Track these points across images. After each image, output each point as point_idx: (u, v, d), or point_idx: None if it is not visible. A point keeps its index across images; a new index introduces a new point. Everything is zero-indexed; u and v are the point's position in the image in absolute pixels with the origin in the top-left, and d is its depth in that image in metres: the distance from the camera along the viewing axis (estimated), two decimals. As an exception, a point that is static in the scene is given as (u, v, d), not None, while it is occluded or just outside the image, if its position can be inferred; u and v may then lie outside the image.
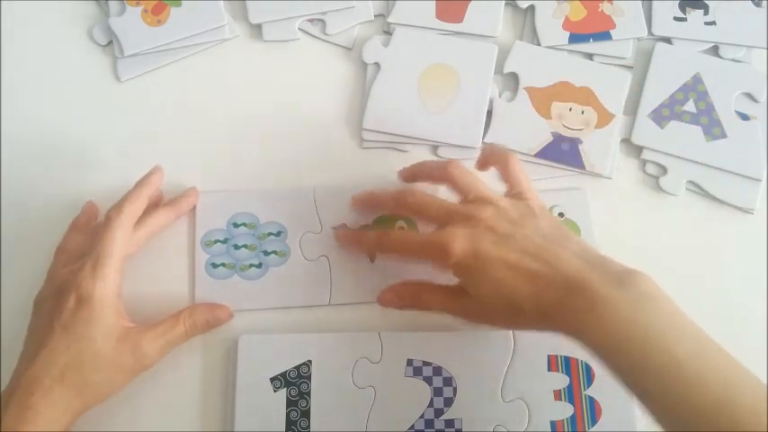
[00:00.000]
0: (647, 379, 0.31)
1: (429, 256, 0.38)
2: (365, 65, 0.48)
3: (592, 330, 0.32)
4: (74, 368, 0.36)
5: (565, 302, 0.33)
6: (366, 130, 0.47)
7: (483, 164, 0.42)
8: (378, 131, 0.47)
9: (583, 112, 0.47)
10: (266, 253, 0.44)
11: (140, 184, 0.41)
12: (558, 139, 0.47)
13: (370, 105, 0.47)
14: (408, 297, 0.41)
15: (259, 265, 0.43)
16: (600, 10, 0.50)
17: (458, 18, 0.49)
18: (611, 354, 0.32)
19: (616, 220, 0.46)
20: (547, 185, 0.47)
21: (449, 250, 0.36)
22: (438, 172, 0.41)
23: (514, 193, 0.39)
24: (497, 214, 0.37)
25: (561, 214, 0.45)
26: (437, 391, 0.41)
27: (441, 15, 0.49)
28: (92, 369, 0.37)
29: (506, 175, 0.41)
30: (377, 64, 0.48)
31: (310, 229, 0.44)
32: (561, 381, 0.41)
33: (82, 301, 0.37)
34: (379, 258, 0.44)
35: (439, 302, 0.39)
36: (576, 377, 0.41)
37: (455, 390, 0.41)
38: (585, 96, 0.47)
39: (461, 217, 0.37)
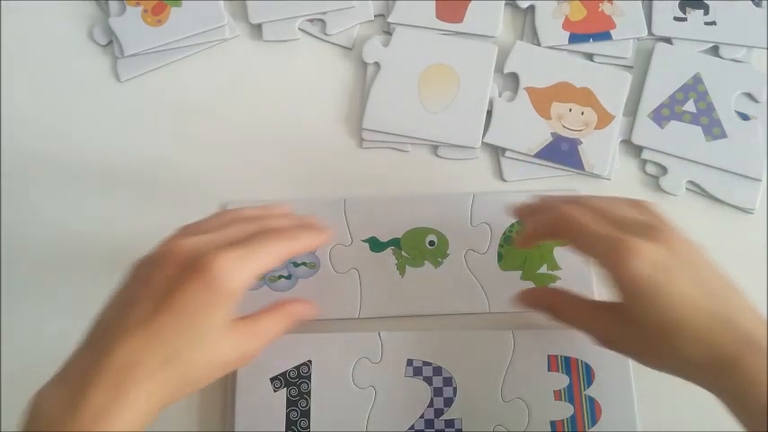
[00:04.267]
0: None
1: (609, 255, 0.33)
2: (365, 65, 0.48)
3: (758, 395, 0.30)
4: (180, 357, 0.31)
5: (742, 359, 0.30)
6: (366, 129, 0.47)
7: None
8: (378, 131, 0.47)
9: (583, 113, 0.47)
10: (296, 264, 0.43)
11: (310, 235, 0.37)
12: (558, 139, 0.47)
13: (370, 105, 0.47)
14: (546, 304, 0.39)
15: (288, 277, 0.43)
16: (600, 10, 0.50)
17: (458, 18, 0.49)
18: None
19: (616, 221, 0.46)
20: (545, 186, 0.47)
21: (634, 257, 0.31)
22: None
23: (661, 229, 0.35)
24: (675, 237, 0.33)
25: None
26: (437, 391, 0.41)
27: (441, 15, 0.49)
28: (199, 361, 0.32)
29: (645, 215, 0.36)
30: (377, 64, 0.48)
31: (340, 242, 0.44)
32: (561, 381, 0.41)
33: (212, 284, 0.31)
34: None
35: (580, 318, 0.37)
36: (576, 377, 0.41)
37: (455, 390, 0.41)
38: (585, 97, 0.47)
39: (638, 231, 0.33)
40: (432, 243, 0.44)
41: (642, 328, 0.33)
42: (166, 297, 0.31)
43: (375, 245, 0.44)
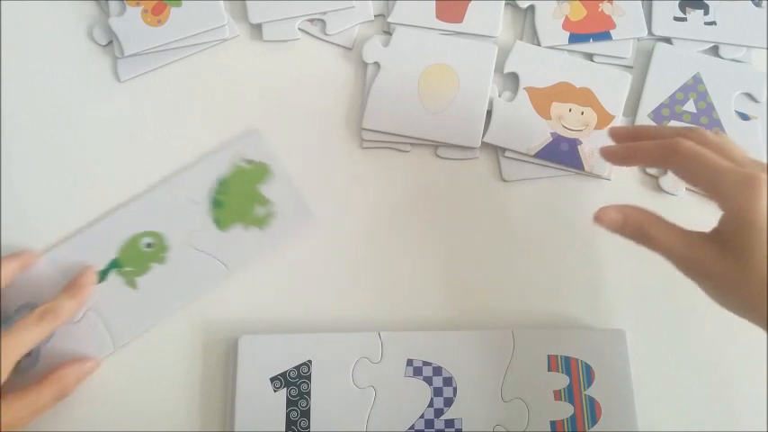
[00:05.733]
0: None
1: (737, 187, 0.32)
2: (365, 65, 0.48)
3: None
4: None
5: None
6: (366, 129, 0.47)
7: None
8: (377, 131, 0.47)
9: (583, 113, 0.47)
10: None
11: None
12: (558, 139, 0.47)
13: (370, 105, 0.47)
14: (634, 224, 0.36)
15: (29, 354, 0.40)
16: (600, 10, 0.50)
17: (458, 18, 0.49)
18: None
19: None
20: (546, 186, 0.47)
21: (758, 187, 0.31)
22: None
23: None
24: None
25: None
26: (437, 391, 0.41)
27: (441, 15, 0.49)
28: None
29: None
30: (377, 63, 0.48)
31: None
32: (561, 381, 0.41)
33: None
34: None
35: (672, 242, 0.34)
36: (575, 377, 0.41)
37: (455, 390, 0.41)
38: (585, 97, 0.47)
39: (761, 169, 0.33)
40: (149, 245, 0.43)
41: (749, 269, 0.32)
42: None
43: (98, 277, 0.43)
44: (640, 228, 0.36)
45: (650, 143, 0.37)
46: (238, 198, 0.44)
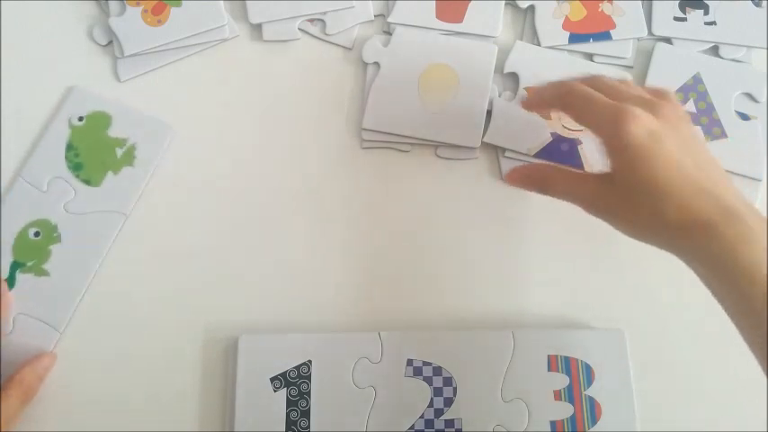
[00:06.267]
0: None
1: (609, 121, 0.36)
2: (365, 65, 0.48)
3: (735, 262, 0.32)
4: None
5: (717, 225, 0.32)
6: (366, 129, 0.47)
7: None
8: (377, 131, 0.47)
9: (583, 113, 0.47)
10: None
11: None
12: (558, 139, 0.47)
13: (370, 105, 0.47)
14: (536, 178, 0.41)
15: None
16: (600, 10, 0.50)
17: (458, 18, 0.49)
18: (747, 288, 0.31)
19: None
20: (547, 185, 0.47)
21: (632, 121, 0.35)
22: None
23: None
24: (673, 112, 0.37)
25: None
26: (437, 391, 0.41)
27: (441, 15, 0.49)
28: None
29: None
30: (377, 64, 0.48)
31: None
32: (561, 381, 0.41)
33: None
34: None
35: (568, 185, 0.39)
36: (576, 377, 0.41)
37: (455, 390, 0.41)
38: (585, 97, 0.47)
39: (639, 104, 0.36)
40: (37, 234, 0.43)
41: (630, 190, 0.35)
42: None
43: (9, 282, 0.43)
44: (543, 180, 0.40)
45: (549, 87, 0.41)
46: (93, 152, 0.45)
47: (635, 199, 0.35)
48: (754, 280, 0.31)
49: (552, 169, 0.41)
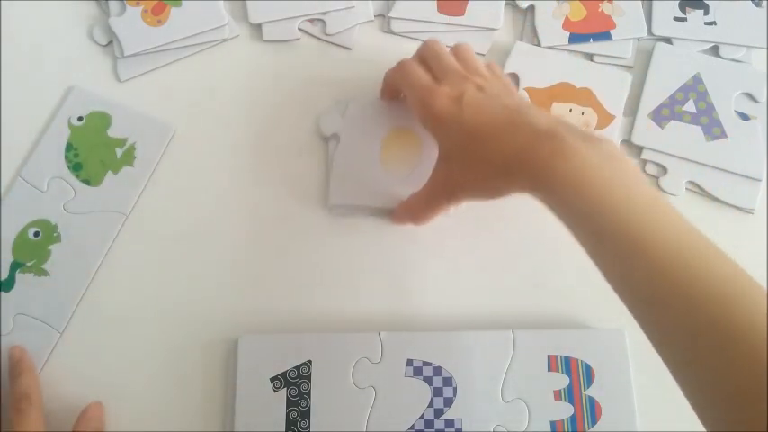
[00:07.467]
0: (604, 220, 0.32)
1: (419, 105, 0.39)
2: (365, 65, 0.48)
3: (555, 174, 0.33)
4: None
5: (533, 146, 0.34)
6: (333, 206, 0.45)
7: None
8: (345, 206, 0.45)
9: (583, 113, 0.47)
10: None
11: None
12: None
13: (334, 180, 0.45)
14: (413, 209, 0.42)
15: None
16: (600, 10, 0.50)
17: (459, 11, 0.49)
18: (572, 197, 0.33)
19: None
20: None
21: (436, 98, 0.38)
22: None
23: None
24: (481, 79, 0.39)
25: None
26: (437, 391, 0.41)
27: (442, 9, 0.49)
28: None
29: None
30: (336, 135, 0.46)
31: None
32: (561, 381, 0.41)
33: None
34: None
35: (425, 197, 0.41)
36: (575, 377, 0.41)
37: (455, 390, 0.41)
38: (586, 97, 0.47)
39: (454, 78, 0.39)
40: (36, 234, 0.44)
41: (459, 156, 0.38)
42: None
43: (6, 285, 0.43)
44: (415, 212, 0.42)
45: (391, 70, 0.44)
46: (94, 152, 0.45)
47: (465, 161, 0.37)
48: (577, 190, 0.32)
49: (412, 198, 0.42)
